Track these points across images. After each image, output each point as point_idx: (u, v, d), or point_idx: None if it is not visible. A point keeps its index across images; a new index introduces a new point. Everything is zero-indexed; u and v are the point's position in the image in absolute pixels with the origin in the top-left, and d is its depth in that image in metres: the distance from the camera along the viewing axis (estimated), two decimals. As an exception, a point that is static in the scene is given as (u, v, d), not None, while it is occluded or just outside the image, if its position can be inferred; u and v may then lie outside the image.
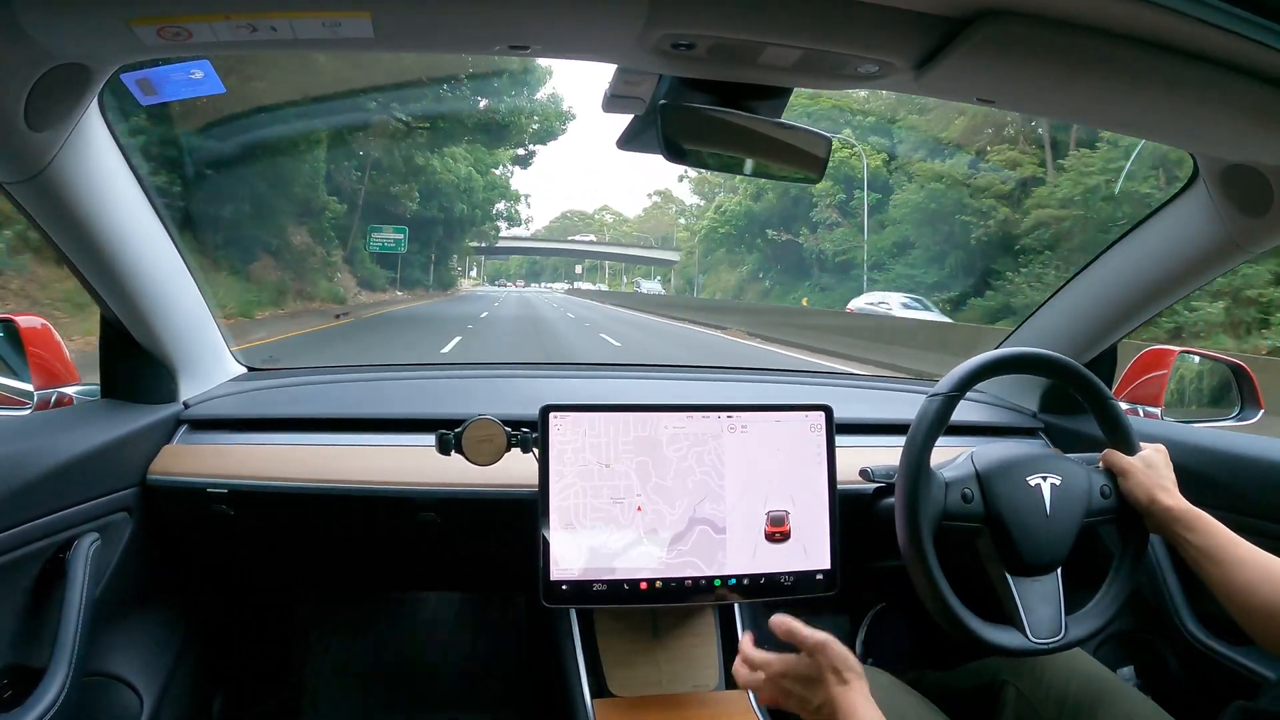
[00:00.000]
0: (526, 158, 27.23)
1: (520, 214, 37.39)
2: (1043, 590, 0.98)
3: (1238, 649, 1.15)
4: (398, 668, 1.67)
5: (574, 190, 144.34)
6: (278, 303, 15.00)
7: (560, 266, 78.97)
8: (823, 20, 0.68)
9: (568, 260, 74.63)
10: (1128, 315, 1.30)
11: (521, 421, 1.11)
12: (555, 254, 69.26)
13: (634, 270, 64.68)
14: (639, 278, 61.49)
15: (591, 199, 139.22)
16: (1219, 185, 1.03)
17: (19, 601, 0.94)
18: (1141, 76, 0.73)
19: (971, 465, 1.01)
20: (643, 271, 62.19)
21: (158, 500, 1.15)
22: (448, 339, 11.46)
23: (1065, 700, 0.99)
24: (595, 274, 71.93)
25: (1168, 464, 0.99)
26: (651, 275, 59.68)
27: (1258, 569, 0.85)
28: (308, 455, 1.20)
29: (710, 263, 39.46)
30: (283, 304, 15.20)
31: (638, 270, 63.86)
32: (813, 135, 0.87)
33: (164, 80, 0.93)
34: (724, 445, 1.11)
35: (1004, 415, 1.50)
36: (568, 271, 77.03)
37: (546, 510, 1.06)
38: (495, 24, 0.71)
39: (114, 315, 1.11)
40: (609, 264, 66.76)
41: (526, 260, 79.45)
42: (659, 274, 57.01)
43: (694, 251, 42.19)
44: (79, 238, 0.97)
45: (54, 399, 1.18)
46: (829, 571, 1.13)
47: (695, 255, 41.66)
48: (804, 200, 27.50)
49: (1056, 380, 1.08)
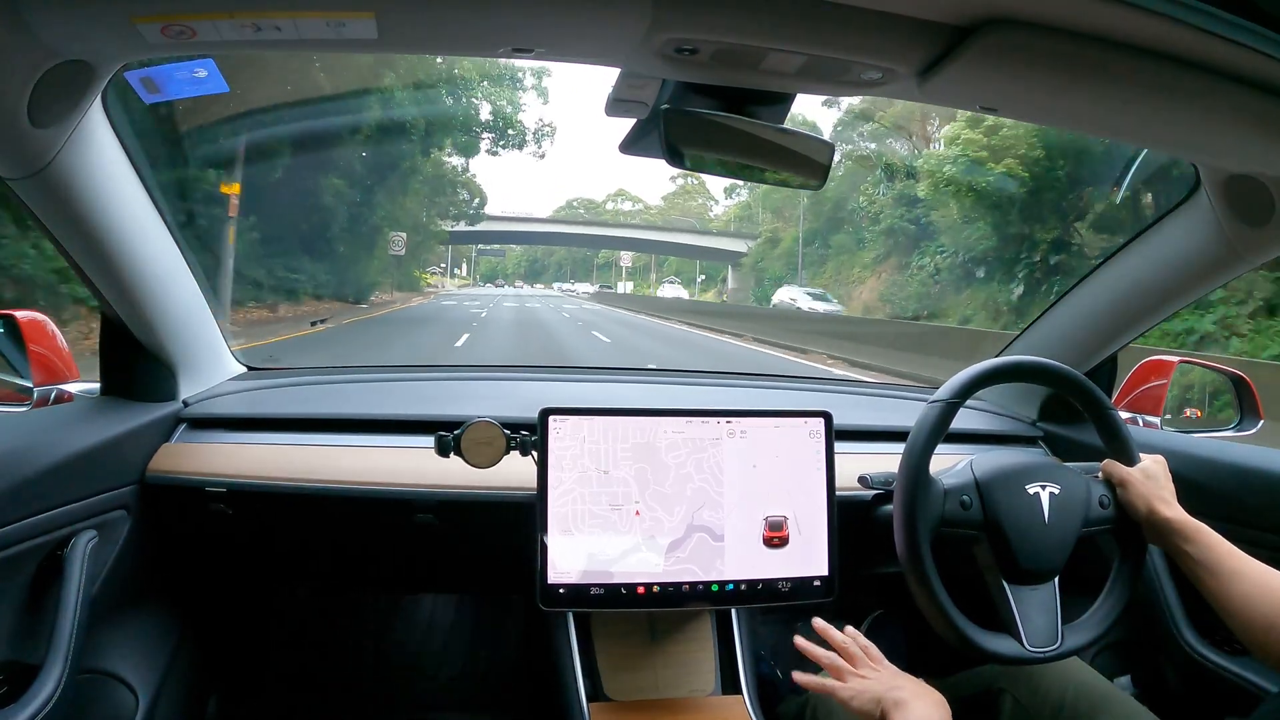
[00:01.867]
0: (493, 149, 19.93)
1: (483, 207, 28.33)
2: (1040, 599, 0.98)
3: (1235, 660, 1.15)
4: (394, 668, 1.67)
5: (583, 176, 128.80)
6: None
7: (567, 264, 64.01)
8: (826, 26, 0.68)
9: (584, 252, 59.50)
10: (1128, 324, 1.30)
11: (520, 424, 1.11)
12: (572, 242, 51.90)
13: (665, 267, 48.80)
14: (667, 279, 46.09)
15: (602, 186, 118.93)
16: (1220, 195, 1.03)
17: (16, 598, 0.94)
18: (1144, 86, 0.73)
19: (971, 473, 1.01)
20: (674, 268, 47.73)
21: (156, 498, 1.15)
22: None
23: (1062, 709, 0.99)
24: (609, 273, 57.35)
25: (1167, 475, 0.99)
26: (678, 275, 45.32)
27: (1256, 582, 0.85)
28: (306, 455, 1.20)
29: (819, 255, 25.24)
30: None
31: (671, 266, 47.79)
32: (815, 141, 0.87)
33: (167, 79, 0.93)
34: (723, 451, 1.11)
35: (1003, 423, 1.49)
36: (579, 269, 61.85)
37: (544, 513, 1.06)
38: (499, 27, 0.71)
39: (114, 313, 1.11)
40: (625, 260, 52.42)
41: (526, 255, 67.26)
42: (706, 270, 41.39)
43: (776, 239, 29.45)
44: (81, 235, 0.97)
45: (54, 396, 1.18)
46: (827, 578, 1.13)
47: (779, 246, 28.82)
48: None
49: (1056, 389, 1.08)
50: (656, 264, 51.49)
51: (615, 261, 56.86)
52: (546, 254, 65.74)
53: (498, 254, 62.03)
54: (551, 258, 65.80)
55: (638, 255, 51.13)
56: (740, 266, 33.51)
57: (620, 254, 52.50)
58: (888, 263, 21.61)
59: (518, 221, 40.43)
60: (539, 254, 65.83)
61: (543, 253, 64.66)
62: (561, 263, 65.98)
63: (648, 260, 52.14)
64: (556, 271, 66.23)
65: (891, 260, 21.43)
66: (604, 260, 59.84)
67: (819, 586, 1.12)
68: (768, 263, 29.78)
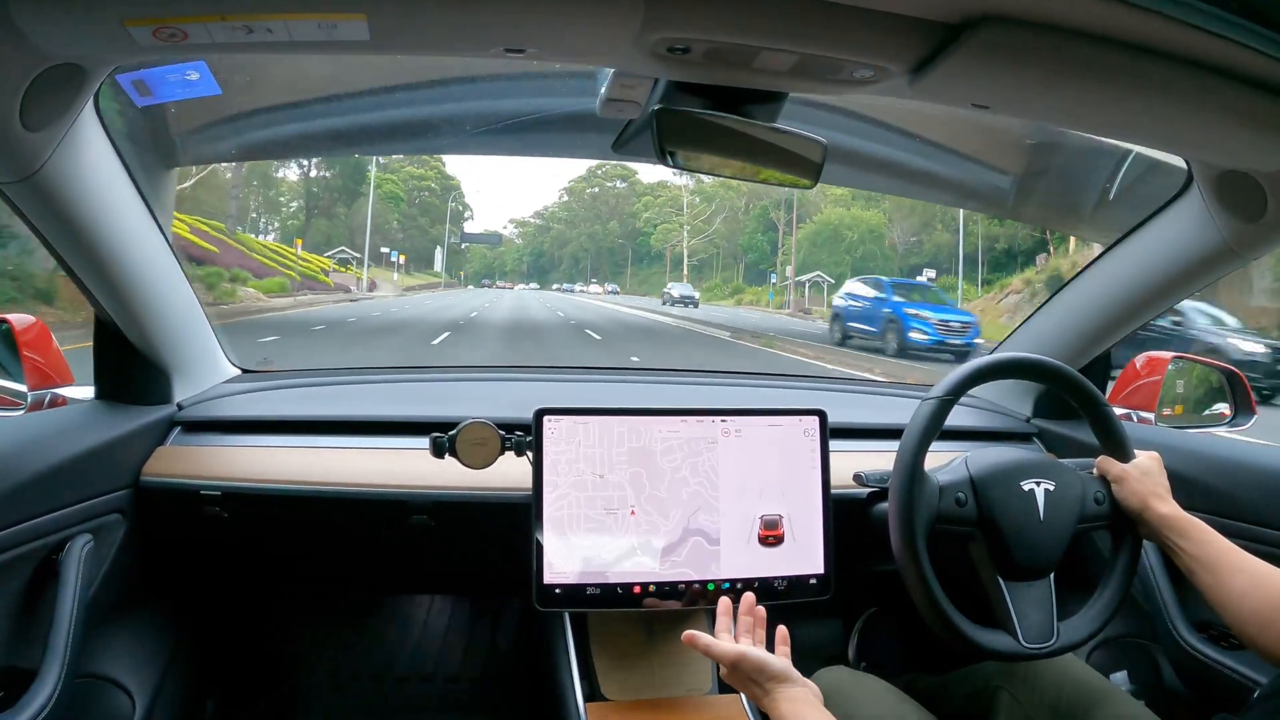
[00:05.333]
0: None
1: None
2: (1035, 595, 0.98)
3: (1231, 655, 1.15)
4: (390, 671, 1.67)
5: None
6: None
7: (587, 254, 44.94)
8: (819, 25, 0.69)
9: (612, 239, 42.02)
10: (1122, 320, 1.30)
11: (515, 424, 1.11)
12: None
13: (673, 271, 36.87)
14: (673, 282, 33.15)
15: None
16: (1213, 191, 1.03)
17: (11, 603, 0.93)
18: (1136, 83, 0.74)
19: (966, 469, 1.01)
20: (695, 264, 36.02)
21: (151, 502, 1.15)
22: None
23: (1058, 705, 0.99)
24: (647, 267, 41.13)
25: (1162, 471, 0.99)
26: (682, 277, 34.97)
27: (1251, 577, 0.85)
28: (301, 457, 1.20)
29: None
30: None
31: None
32: (807, 140, 0.87)
33: (159, 81, 0.93)
34: (718, 452, 1.11)
35: (998, 420, 1.50)
36: (608, 260, 43.82)
37: (540, 514, 1.06)
38: (491, 27, 0.71)
39: (108, 316, 1.11)
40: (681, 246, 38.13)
41: (529, 251, 48.10)
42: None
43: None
44: (73, 238, 0.97)
45: (48, 400, 1.17)
46: (823, 575, 1.13)
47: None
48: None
49: (1051, 386, 1.08)
50: (727, 257, 36.33)
51: (599, 265, 41.82)
52: (557, 244, 46.78)
53: (492, 240, 45.31)
54: (565, 249, 46.37)
55: (704, 243, 36.44)
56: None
57: (679, 236, 36.72)
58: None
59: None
60: (546, 244, 47.87)
61: (551, 243, 47.38)
62: (578, 255, 45.87)
63: (716, 250, 36.74)
64: (572, 267, 46.85)
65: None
66: (648, 245, 40.02)
67: (815, 585, 1.12)
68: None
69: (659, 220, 41.71)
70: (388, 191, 32.62)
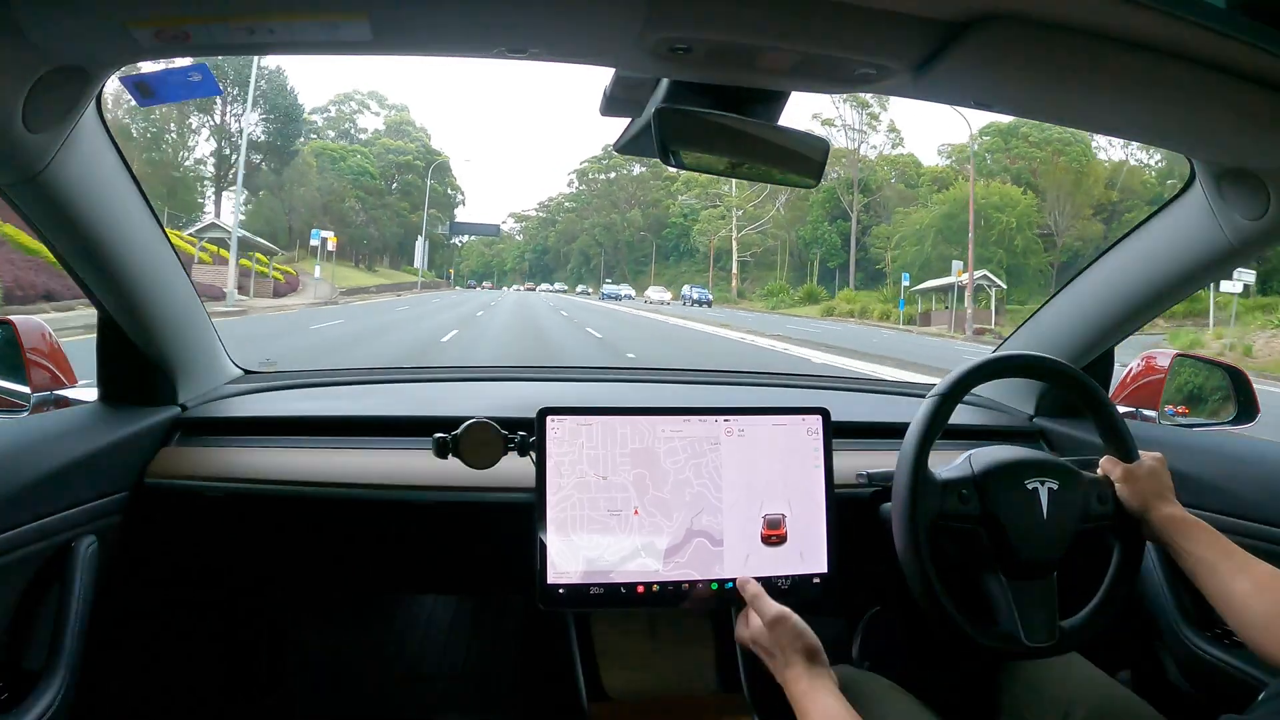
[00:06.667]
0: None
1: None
2: (1038, 594, 0.98)
3: (1235, 653, 1.15)
4: (395, 670, 1.67)
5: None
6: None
7: (601, 249, 39.03)
8: (821, 24, 0.69)
9: (633, 231, 35.65)
10: (1126, 319, 1.30)
11: (518, 424, 1.11)
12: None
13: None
14: (656, 285, 31.01)
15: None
16: (1216, 189, 1.03)
17: (16, 604, 0.93)
18: (1139, 81, 0.73)
19: (969, 467, 1.01)
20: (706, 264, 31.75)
21: (155, 503, 1.15)
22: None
23: (1061, 704, 0.99)
24: (674, 264, 35.72)
25: (1166, 472, 0.99)
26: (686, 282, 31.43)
27: (1254, 580, 0.85)
28: (305, 458, 1.20)
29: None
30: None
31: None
32: (810, 139, 0.87)
33: (162, 83, 0.92)
34: (721, 453, 1.11)
35: (1001, 418, 1.50)
36: (630, 258, 38.22)
37: (543, 514, 1.06)
38: (493, 27, 0.71)
39: (111, 318, 1.11)
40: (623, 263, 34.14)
41: (531, 248, 43.49)
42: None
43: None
44: (76, 239, 0.97)
45: (52, 401, 1.18)
46: (826, 575, 1.13)
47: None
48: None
49: (1054, 384, 1.08)
50: (785, 252, 29.35)
51: (709, 242, 30.94)
52: (564, 239, 40.34)
53: (488, 231, 39.46)
54: (573, 243, 40.11)
55: (756, 233, 29.14)
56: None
57: (723, 226, 29.06)
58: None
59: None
60: (551, 239, 41.84)
61: (557, 238, 40.81)
62: (589, 250, 38.13)
63: (772, 242, 29.64)
64: (581, 265, 40.01)
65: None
66: (677, 237, 32.89)
67: (818, 584, 1.12)
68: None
69: (700, 207, 34.34)
70: (355, 165, 26.03)
